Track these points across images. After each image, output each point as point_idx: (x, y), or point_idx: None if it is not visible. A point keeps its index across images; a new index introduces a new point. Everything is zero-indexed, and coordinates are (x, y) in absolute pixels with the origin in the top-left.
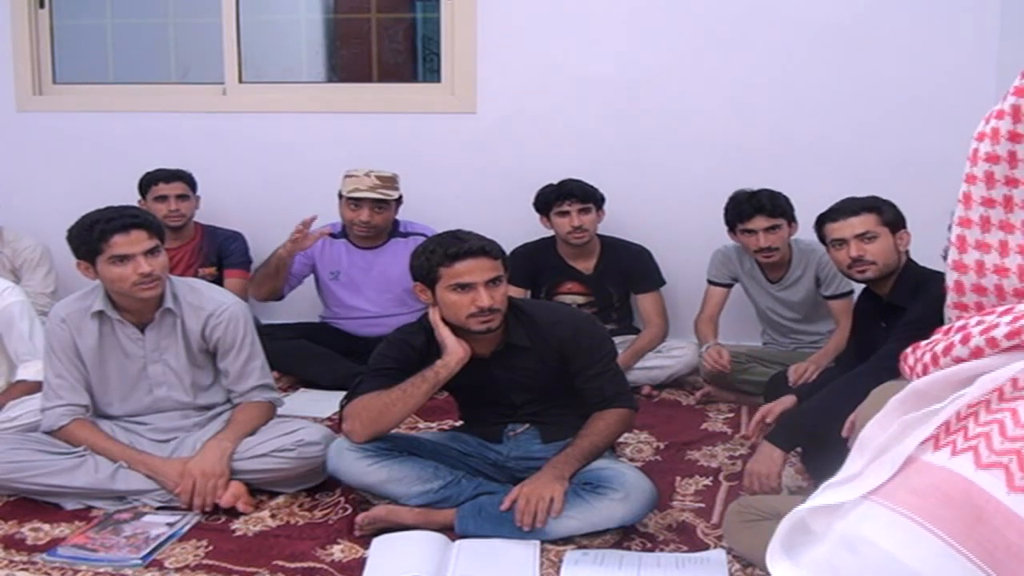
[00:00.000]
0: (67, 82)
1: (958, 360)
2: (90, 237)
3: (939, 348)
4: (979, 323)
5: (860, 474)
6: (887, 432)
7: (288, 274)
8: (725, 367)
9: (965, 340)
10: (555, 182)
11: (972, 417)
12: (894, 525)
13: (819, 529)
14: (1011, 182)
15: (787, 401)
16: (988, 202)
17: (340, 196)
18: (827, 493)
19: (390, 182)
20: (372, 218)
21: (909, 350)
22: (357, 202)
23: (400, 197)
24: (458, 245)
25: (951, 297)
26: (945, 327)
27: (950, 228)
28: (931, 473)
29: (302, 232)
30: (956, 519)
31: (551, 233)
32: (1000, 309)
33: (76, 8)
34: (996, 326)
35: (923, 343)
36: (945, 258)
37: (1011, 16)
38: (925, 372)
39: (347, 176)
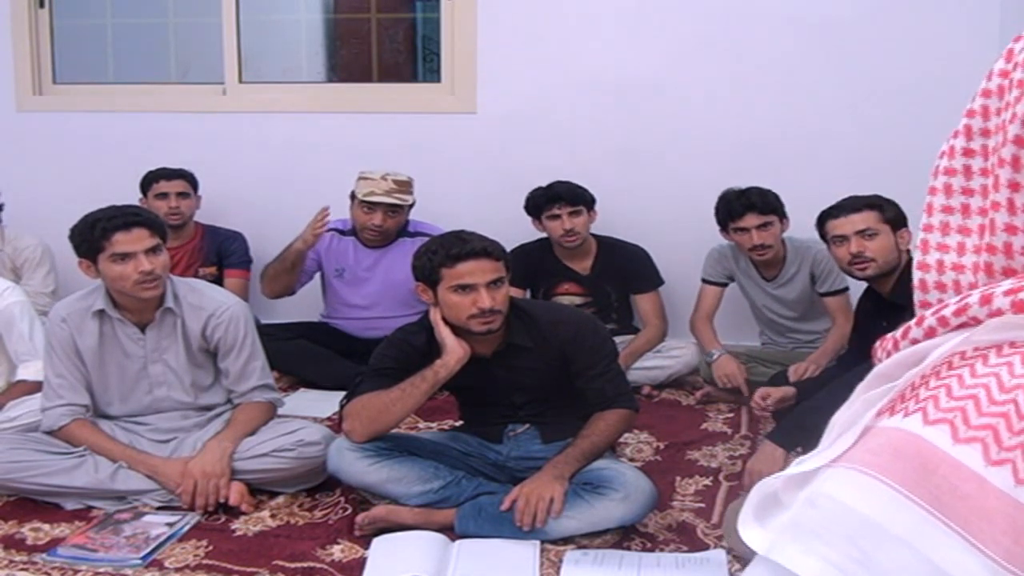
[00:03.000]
0: (67, 82)
1: (914, 341)
2: (92, 235)
3: (898, 334)
4: (933, 308)
5: (827, 448)
6: (851, 410)
7: (302, 268)
8: (741, 385)
9: (919, 322)
10: (544, 185)
11: (923, 386)
12: (850, 480)
13: (787, 500)
14: (967, 192)
15: (787, 390)
16: (947, 209)
17: (352, 197)
18: (798, 466)
19: (406, 186)
20: (385, 222)
21: (878, 343)
22: (371, 206)
23: (414, 202)
24: (460, 246)
25: (917, 296)
26: None
27: None
28: (885, 434)
29: (322, 222)
30: (907, 470)
31: (547, 234)
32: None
33: (76, 8)
34: (945, 306)
35: (888, 335)
36: None
37: (1011, 16)
38: (888, 357)
39: (362, 178)
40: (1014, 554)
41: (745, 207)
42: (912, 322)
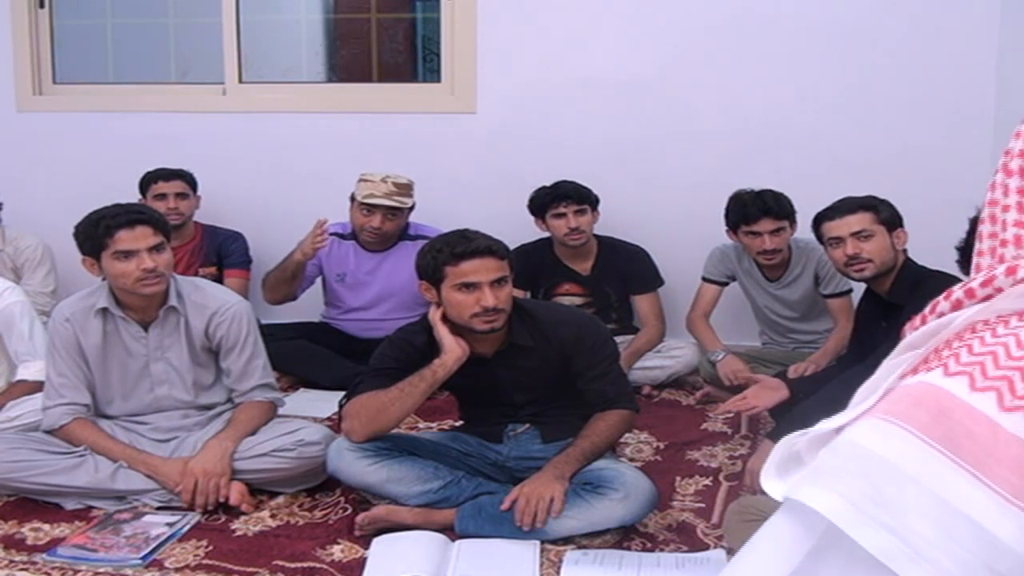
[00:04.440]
0: (67, 82)
1: (941, 314)
2: (95, 232)
3: (927, 310)
4: (961, 283)
5: (852, 409)
6: (876, 376)
7: (302, 277)
8: (746, 381)
9: (947, 296)
10: (548, 184)
11: (946, 347)
12: (871, 427)
13: (809, 460)
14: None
15: (780, 390)
16: (993, 236)
17: (352, 199)
18: (822, 424)
19: (406, 189)
20: (384, 224)
21: (907, 323)
22: (370, 208)
23: (413, 205)
24: (465, 244)
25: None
26: None
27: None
28: (906, 388)
29: (321, 235)
30: (924, 416)
31: (548, 234)
32: None
33: (76, 8)
34: (973, 279)
35: (917, 314)
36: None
37: (1011, 15)
38: (916, 330)
39: (362, 180)
40: (1021, 489)
41: (761, 211)
42: (940, 296)
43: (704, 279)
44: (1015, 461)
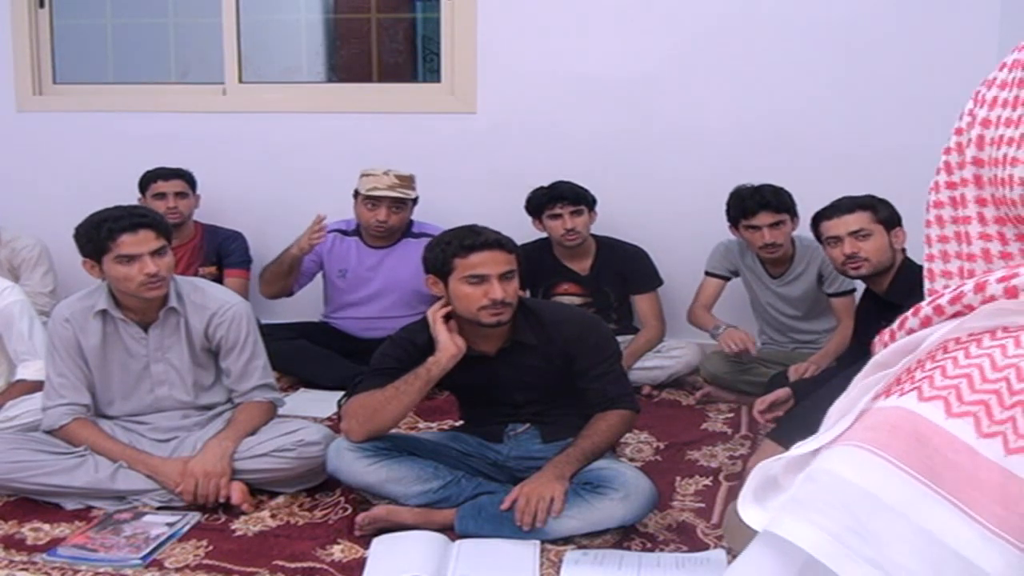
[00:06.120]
0: (67, 82)
1: (910, 331)
2: (97, 235)
3: (895, 325)
4: (929, 299)
5: (825, 432)
6: (848, 397)
7: (299, 272)
8: (751, 348)
9: (916, 312)
10: (545, 185)
11: (919, 368)
12: (847, 455)
13: (786, 483)
14: (957, 220)
15: (781, 391)
16: (943, 239)
17: (356, 195)
18: (797, 449)
19: (408, 181)
20: (389, 217)
21: (877, 337)
22: (375, 200)
23: (416, 198)
24: (474, 237)
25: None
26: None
27: None
28: (881, 413)
29: (319, 230)
30: (902, 444)
31: (547, 234)
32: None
33: (76, 8)
34: (941, 295)
35: (886, 328)
36: None
37: (1011, 15)
38: (886, 348)
39: (365, 175)
40: (1005, 520)
41: (759, 205)
42: (908, 312)
43: (707, 272)
44: (996, 490)
